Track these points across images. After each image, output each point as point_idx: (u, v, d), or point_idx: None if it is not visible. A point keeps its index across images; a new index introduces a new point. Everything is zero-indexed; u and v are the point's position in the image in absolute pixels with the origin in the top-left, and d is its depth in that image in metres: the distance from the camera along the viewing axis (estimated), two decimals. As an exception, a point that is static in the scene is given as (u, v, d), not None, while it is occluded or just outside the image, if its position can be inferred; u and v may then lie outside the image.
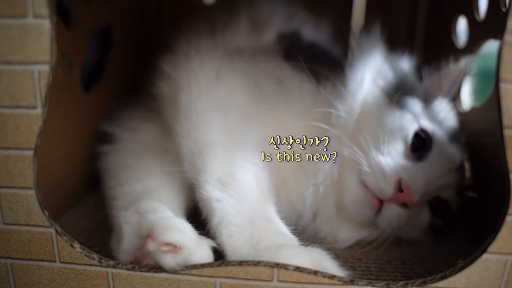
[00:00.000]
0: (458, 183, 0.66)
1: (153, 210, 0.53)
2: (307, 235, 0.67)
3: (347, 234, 0.66)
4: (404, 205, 0.61)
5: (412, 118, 0.65)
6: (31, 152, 0.48)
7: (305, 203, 0.65)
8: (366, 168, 0.62)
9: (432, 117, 0.67)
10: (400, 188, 0.60)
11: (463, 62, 0.70)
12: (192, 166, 0.59)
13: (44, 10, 0.45)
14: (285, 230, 0.55)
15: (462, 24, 0.80)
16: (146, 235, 0.48)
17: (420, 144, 0.64)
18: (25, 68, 0.46)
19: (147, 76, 0.74)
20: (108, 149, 0.71)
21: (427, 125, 0.65)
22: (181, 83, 0.66)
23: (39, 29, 0.45)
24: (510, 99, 0.44)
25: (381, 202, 0.62)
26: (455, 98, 0.74)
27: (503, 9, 0.65)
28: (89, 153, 0.72)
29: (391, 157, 0.62)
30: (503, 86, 0.44)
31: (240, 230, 0.52)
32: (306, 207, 0.66)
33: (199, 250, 0.50)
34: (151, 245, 0.48)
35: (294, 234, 0.55)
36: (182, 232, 0.49)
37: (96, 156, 0.72)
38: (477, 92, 0.98)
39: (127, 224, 0.51)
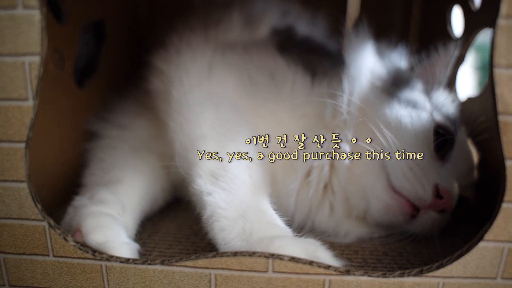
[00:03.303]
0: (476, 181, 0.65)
1: (103, 201, 0.58)
2: (306, 229, 0.65)
3: (349, 231, 0.65)
4: (442, 210, 0.59)
5: (429, 117, 0.63)
6: (23, 145, 0.48)
7: (290, 200, 0.63)
8: (398, 173, 0.59)
9: (439, 110, 0.66)
10: (438, 194, 0.58)
11: (452, 46, 0.69)
12: (184, 160, 0.59)
13: (34, 1, 0.44)
14: (278, 221, 0.54)
15: (457, 14, 0.80)
16: (76, 229, 0.53)
17: (442, 142, 0.62)
18: (16, 60, 0.46)
19: (140, 71, 0.74)
20: (93, 144, 0.71)
21: (442, 121, 0.64)
22: (172, 77, 0.65)
23: (29, 20, 0.45)
24: (503, 85, 0.44)
25: (417, 210, 0.59)
26: (450, 86, 0.74)
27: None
28: (82, 148, 0.72)
29: (420, 160, 0.59)
30: (496, 72, 0.44)
31: (231, 223, 0.51)
32: (290, 204, 0.64)
33: (123, 248, 0.52)
34: (79, 237, 0.52)
35: (288, 226, 0.55)
36: (105, 234, 0.52)
37: (84, 151, 0.72)
38: (476, 82, 0.98)
39: (71, 208, 0.58)
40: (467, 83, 0.76)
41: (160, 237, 0.64)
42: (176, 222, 0.68)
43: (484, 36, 0.71)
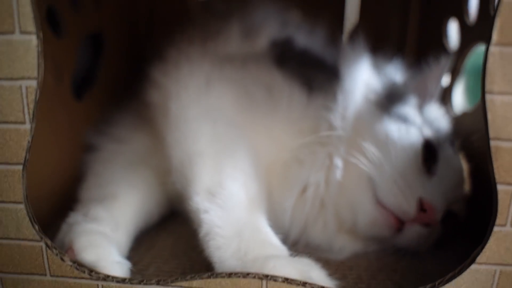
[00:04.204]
0: (465, 195, 0.66)
1: (96, 218, 0.59)
2: (300, 244, 0.66)
3: (343, 245, 0.65)
4: (427, 224, 0.60)
5: (418, 131, 0.64)
6: (20, 167, 0.48)
7: (285, 217, 0.64)
8: (384, 187, 0.60)
9: (429, 124, 0.67)
10: (422, 207, 0.59)
11: (444, 60, 0.69)
12: (181, 177, 0.60)
13: (31, 26, 0.45)
14: (274, 239, 0.54)
15: (453, 27, 0.80)
16: (68, 246, 0.53)
17: (428, 156, 0.63)
18: (13, 84, 0.46)
19: (139, 82, 0.74)
20: (91, 157, 0.72)
21: (430, 135, 0.65)
22: (171, 91, 0.66)
23: (26, 45, 0.45)
24: (495, 110, 0.45)
25: (402, 223, 0.60)
26: (444, 100, 0.75)
27: (491, 13, 0.66)
28: (80, 160, 0.72)
29: (407, 174, 0.61)
30: (488, 97, 0.45)
31: (227, 242, 0.52)
32: (286, 220, 0.64)
33: (115, 267, 0.52)
34: (72, 255, 0.52)
35: (284, 243, 0.55)
36: (97, 253, 0.53)
37: (82, 163, 0.72)
38: (470, 92, 0.98)
39: (65, 224, 0.58)
40: (462, 97, 0.76)
41: (157, 251, 0.64)
42: (173, 236, 0.69)
43: (479, 51, 0.72)
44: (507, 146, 0.45)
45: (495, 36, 0.43)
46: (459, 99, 0.77)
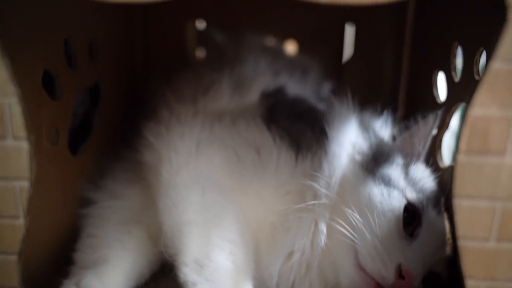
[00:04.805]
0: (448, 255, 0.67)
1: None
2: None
3: None
4: None
5: (400, 195, 0.65)
6: (15, 256, 0.51)
7: (272, 281, 0.66)
8: (364, 252, 0.62)
9: (413, 185, 0.68)
10: (401, 274, 0.60)
11: (431, 118, 0.70)
12: (171, 245, 0.62)
13: (22, 132, 0.47)
14: None
15: (442, 81, 0.81)
16: None
17: (410, 220, 0.64)
18: (7, 184, 0.49)
19: (135, 132, 0.76)
20: (87, 212, 0.74)
21: (413, 198, 0.66)
22: (162, 155, 0.68)
23: (18, 150, 0.48)
24: (462, 213, 0.47)
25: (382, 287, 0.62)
26: (431, 156, 0.76)
27: (477, 78, 0.67)
28: (76, 215, 0.74)
29: (387, 239, 0.62)
30: (456, 201, 0.47)
31: None
32: (273, 285, 0.66)
33: None
34: None
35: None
36: None
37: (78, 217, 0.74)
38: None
39: None
40: (448, 151, 0.77)
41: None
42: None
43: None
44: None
45: (463, 145, 0.45)
46: (445, 154, 0.78)
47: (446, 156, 0.78)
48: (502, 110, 0.44)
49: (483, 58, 0.64)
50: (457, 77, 0.75)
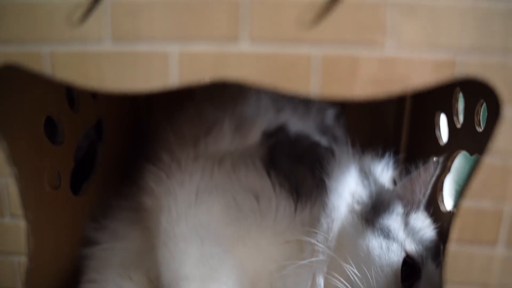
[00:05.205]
0: None
1: None
2: None
3: None
4: None
5: (400, 248, 0.65)
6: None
7: None
8: None
9: (413, 235, 0.68)
10: None
11: (432, 166, 0.70)
12: None
13: (19, 210, 0.48)
14: None
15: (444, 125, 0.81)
16: None
17: (409, 274, 0.64)
18: (5, 258, 0.50)
19: (137, 171, 0.77)
20: (88, 253, 0.74)
21: (413, 251, 0.66)
22: (162, 203, 0.69)
23: (16, 228, 0.49)
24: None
25: None
26: (432, 202, 0.76)
27: (478, 129, 0.66)
28: (79, 256, 0.75)
29: None
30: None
31: None
32: None
33: None
34: None
35: None
36: None
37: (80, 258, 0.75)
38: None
39: None
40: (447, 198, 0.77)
41: None
42: None
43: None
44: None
45: (454, 234, 0.45)
46: (447, 197, 0.77)
47: (447, 200, 0.78)
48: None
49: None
50: (459, 123, 0.75)
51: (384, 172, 0.76)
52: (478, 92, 0.65)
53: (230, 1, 0.42)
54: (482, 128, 0.66)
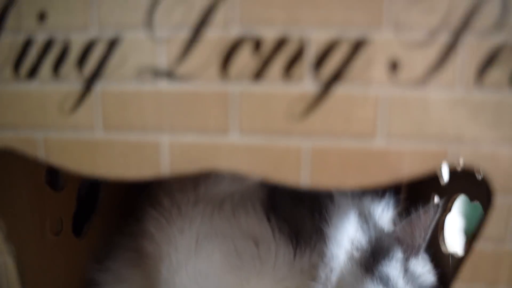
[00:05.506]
0: None
1: None
2: None
3: None
4: None
5: None
6: None
7: None
8: None
9: (413, 282, 0.67)
10: None
11: (432, 210, 0.69)
12: None
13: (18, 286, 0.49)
14: None
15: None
16: None
17: None
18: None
19: (140, 208, 0.77)
20: None
21: None
22: (162, 251, 0.69)
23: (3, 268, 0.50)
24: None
25: None
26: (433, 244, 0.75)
27: (478, 177, 0.66)
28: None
29: None
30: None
31: None
32: None
33: None
34: None
35: None
36: None
37: None
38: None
39: None
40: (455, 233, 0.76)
41: None
42: None
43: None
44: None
45: None
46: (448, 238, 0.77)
47: (449, 240, 0.77)
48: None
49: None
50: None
51: (384, 213, 0.75)
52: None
53: (219, 93, 0.42)
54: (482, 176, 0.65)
